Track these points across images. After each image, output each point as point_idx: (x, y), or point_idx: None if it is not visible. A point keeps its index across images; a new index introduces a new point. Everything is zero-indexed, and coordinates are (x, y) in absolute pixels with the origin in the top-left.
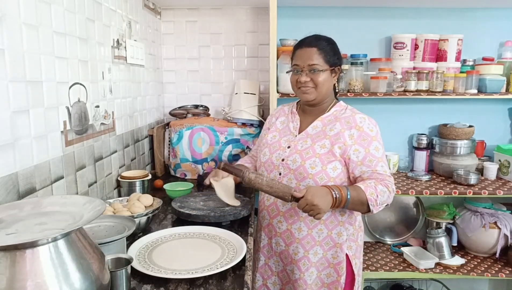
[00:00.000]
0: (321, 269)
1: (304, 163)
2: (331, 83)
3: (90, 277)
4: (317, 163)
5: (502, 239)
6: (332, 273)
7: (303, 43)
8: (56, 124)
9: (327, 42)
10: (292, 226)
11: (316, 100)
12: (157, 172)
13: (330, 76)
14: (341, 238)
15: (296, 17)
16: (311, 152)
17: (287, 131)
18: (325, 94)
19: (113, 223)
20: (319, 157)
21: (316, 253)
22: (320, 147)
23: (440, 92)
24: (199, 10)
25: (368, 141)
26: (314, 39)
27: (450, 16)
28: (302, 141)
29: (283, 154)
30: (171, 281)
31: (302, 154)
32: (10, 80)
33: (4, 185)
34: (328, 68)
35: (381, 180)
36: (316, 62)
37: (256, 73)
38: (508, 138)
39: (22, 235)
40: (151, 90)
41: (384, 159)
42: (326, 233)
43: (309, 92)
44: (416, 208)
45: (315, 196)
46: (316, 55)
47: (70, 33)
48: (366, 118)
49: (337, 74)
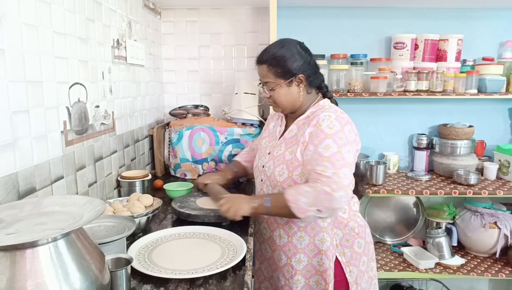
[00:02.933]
0: (308, 277)
1: (274, 171)
2: (293, 94)
3: (90, 277)
4: (284, 170)
5: (502, 239)
6: (320, 281)
7: (256, 59)
8: (56, 124)
9: (279, 52)
10: (273, 233)
11: (285, 111)
12: (157, 172)
13: (288, 89)
14: (324, 244)
15: (296, 17)
16: (281, 159)
17: (274, 136)
18: (293, 105)
19: (113, 223)
20: (286, 164)
21: (300, 261)
22: (289, 153)
23: (440, 92)
24: (199, 10)
25: (320, 139)
26: (264, 53)
27: (450, 16)
28: (278, 147)
29: (264, 160)
30: (171, 281)
31: (274, 161)
32: (10, 80)
33: (4, 185)
34: (283, 82)
35: (314, 180)
36: (268, 79)
37: (256, 73)
38: (508, 138)
39: (22, 235)
40: (151, 90)
41: (334, 159)
42: (308, 240)
43: (274, 106)
44: (416, 208)
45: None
46: (267, 72)
47: (70, 33)
48: (333, 115)
49: (303, 81)
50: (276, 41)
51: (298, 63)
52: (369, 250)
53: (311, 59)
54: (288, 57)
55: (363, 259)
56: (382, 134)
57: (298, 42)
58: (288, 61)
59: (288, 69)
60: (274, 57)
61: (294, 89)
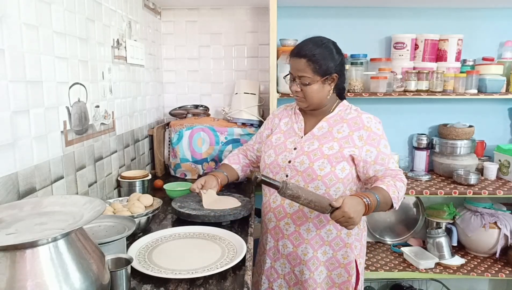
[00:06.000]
0: (331, 269)
1: (312, 165)
2: (324, 92)
3: (90, 277)
4: (326, 164)
5: (502, 239)
6: (343, 273)
7: (293, 52)
8: (56, 124)
9: (319, 49)
10: (300, 227)
11: (310, 107)
12: (157, 172)
13: (322, 86)
14: (350, 238)
15: (296, 17)
16: (319, 154)
17: (292, 132)
18: (320, 102)
19: (113, 223)
20: (327, 158)
21: (325, 253)
22: (328, 149)
23: (440, 92)
24: (199, 10)
25: (377, 141)
26: (304, 48)
27: (450, 16)
28: (308, 143)
29: (289, 155)
30: (171, 281)
31: (310, 156)
32: (10, 80)
33: (4, 185)
34: (320, 79)
35: (395, 175)
36: (305, 74)
37: (256, 73)
38: (508, 138)
39: (22, 235)
40: (151, 90)
41: (392, 155)
42: (335, 234)
43: (302, 101)
44: (416, 208)
45: (351, 209)
46: (305, 67)
47: (70, 33)
48: (372, 117)
49: (335, 81)
50: (313, 37)
51: (335, 63)
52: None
53: (343, 60)
54: (328, 55)
55: (364, 251)
56: None
57: (333, 42)
58: (327, 59)
59: (327, 67)
60: (315, 53)
61: (326, 88)
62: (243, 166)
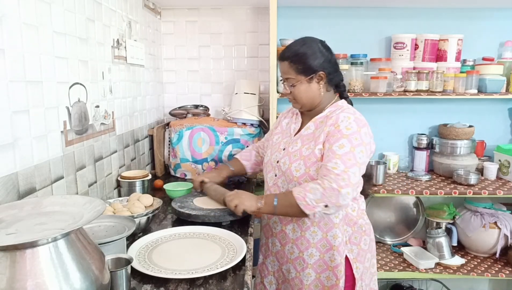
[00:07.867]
0: (319, 271)
1: (290, 166)
2: (313, 91)
3: (90, 277)
4: (301, 165)
5: (502, 239)
6: (331, 276)
7: (279, 56)
8: (56, 124)
9: (301, 49)
10: (286, 227)
11: (303, 108)
12: (157, 172)
13: (308, 85)
14: (336, 240)
15: (296, 17)
16: (298, 155)
17: (287, 133)
18: (312, 102)
19: (113, 223)
20: (303, 159)
21: (312, 255)
22: (306, 149)
23: (440, 92)
24: (199, 10)
25: (336, 138)
26: (286, 50)
27: (450, 16)
28: (294, 143)
29: (278, 155)
30: (171, 281)
31: (290, 157)
32: (10, 80)
33: (4, 185)
34: (304, 78)
35: (322, 176)
36: (289, 75)
37: (256, 73)
38: (508, 138)
39: (22, 235)
40: (151, 90)
41: (346, 157)
42: (320, 235)
43: (294, 102)
44: (416, 208)
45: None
46: (288, 68)
47: (70, 33)
48: (352, 117)
49: (323, 79)
50: (298, 39)
51: (319, 61)
52: (372, 247)
53: (332, 57)
54: (309, 54)
55: (368, 256)
56: (382, 134)
57: (320, 41)
58: (309, 58)
59: (309, 65)
60: (296, 54)
61: (314, 86)
62: (253, 163)
